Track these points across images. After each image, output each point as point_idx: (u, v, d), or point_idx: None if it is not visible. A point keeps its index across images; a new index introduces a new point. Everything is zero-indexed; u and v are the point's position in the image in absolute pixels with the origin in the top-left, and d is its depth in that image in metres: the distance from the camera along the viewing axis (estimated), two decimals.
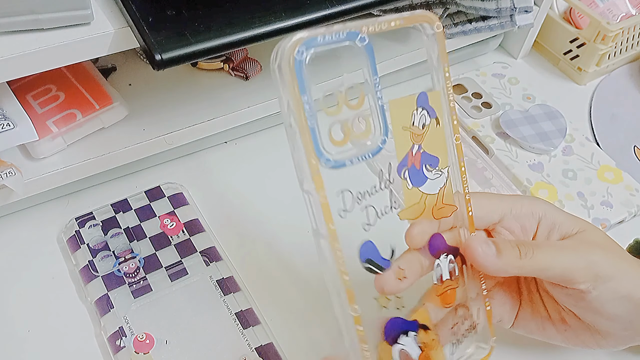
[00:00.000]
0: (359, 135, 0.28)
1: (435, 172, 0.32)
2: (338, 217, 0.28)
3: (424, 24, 0.30)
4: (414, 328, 0.32)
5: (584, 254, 0.33)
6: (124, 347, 0.39)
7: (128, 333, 0.39)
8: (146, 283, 0.42)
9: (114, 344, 0.39)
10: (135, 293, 0.42)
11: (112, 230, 0.45)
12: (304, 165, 0.27)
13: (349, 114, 0.28)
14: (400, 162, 0.30)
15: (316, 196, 0.27)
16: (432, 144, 0.32)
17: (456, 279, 0.34)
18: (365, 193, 0.29)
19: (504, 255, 0.32)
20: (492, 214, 0.35)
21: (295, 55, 0.26)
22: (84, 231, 0.45)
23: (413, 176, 0.31)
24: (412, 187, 0.31)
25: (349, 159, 0.28)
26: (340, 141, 0.27)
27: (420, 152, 0.31)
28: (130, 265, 0.43)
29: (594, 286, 0.32)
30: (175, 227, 0.46)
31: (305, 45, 0.26)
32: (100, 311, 0.41)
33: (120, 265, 0.43)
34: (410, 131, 0.31)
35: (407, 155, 0.31)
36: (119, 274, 0.42)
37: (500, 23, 0.56)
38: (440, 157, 0.32)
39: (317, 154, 0.27)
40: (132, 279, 0.42)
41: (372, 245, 0.30)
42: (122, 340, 0.39)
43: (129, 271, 0.42)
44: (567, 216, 0.36)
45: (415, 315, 0.32)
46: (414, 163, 0.31)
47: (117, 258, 0.43)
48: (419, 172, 0.31)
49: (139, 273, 0.43)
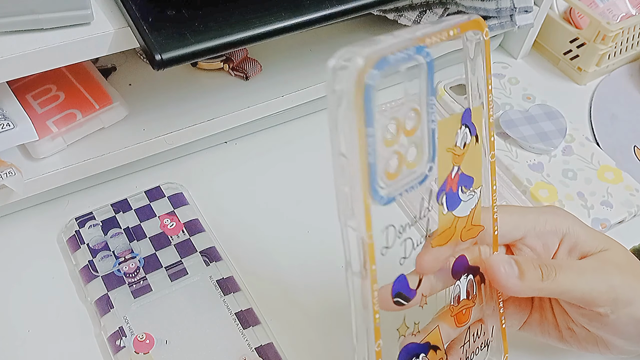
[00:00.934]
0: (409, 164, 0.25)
1: (469, 193, 0.30)
2: (380, 256, 0.25)
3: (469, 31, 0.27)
4: (425, 350, 0.31)
5: (605, 277, 0.32)
6: (124, 347, 0.39)
7: (128, 333, 0.39)
8: (146, 283, 0.42)
9: (114, 344, 0.39)
10: (135, 293, 0.42)
11: (112, 230, 0.45)
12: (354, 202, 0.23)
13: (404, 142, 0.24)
14: (440, 187, 0.28)
15: (364, 236, 0.24)
16: (469, 163, 0.29)
17: (473, 298, 0.33)
18: (406, 225, 0.27)
19: (527, 277, 0.31)
20: (515, 231, 0.34)
21: (366, 80, 0.21)
22: (84, 231, 0.45)
23: (449, 200, 0.28)
24: (447, 212, 0.28)
25: (399, 192, 0.25)
26: (394, 174, 0.24)
27: (459, 173, 0.28)
28: (130, 265, 0.43)
29: (612, 310, 0.32)
30: (175, 227, 0.46)
31: (377, 68, 0.22)
32: (100, 311, 0.41)
33: (120, 265, 0.43)
34: (452, 152, 0.28)
35: (446, 179, 0.28)
36: (119, 274, 0.42)
37: (500, 23, 0.56)
38: (475, 177, 0.29)
39: (372, 193, 0.23)
40: (132, 279, 0.42)
41: (404, 278, 0.28)
42: (122, 340, 0.39)
43: (129, 271, 0.42)
44: (589, 233, 0.35)
45: (428, 337, 0.31)
46: (451, 187, 0.28)
47: (117, 258, 0.43)
48: (455, 194, 0.29)
49: (139, 273, 0.42)
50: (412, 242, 0.27)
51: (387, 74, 0.22)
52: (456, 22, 0.26)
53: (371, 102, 0.22)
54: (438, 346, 0.31)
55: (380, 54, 0.22)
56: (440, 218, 0.28)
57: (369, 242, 0.24)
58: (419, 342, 0.30)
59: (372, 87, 0.22)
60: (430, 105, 0.25)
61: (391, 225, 0.26)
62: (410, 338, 0.30)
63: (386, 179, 0.24)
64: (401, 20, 0.54)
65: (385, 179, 0.24)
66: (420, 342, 0.31)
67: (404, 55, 0.23)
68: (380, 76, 0.22)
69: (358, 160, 0.22)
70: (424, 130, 0.25)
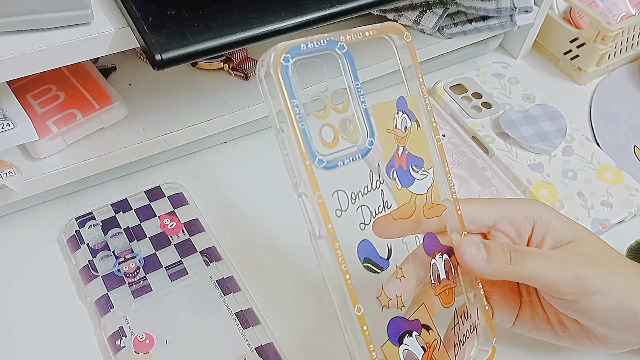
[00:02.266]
0: (347, 137, 0.30)
1: (422, 172, 0.33)
2: (335, 217, 0.28)
3: (393, 35, 0.32)
4: (417, 328, 0.32)
5: (572, 267, 0.33)
6: (124, 347, 0.39)
7: (128, 333, 0.39)
8: (146, 283, 0.42)
9: (114, 344, 0.39)
10: (135, 293, 0.42)
11: (112, 230, 0.45)
12: (297, 168, 0.28)
13: (336, 117, 0.29)
14: (388, 162, 0.32)
15: (313, 197, 0.28)
16: (416, 145, 0.33)
17: (453, 278, 0.34)
18: (358, 193, 0.30)
19: (494, 260, 0.33)
20: (486, 218, 0.35)
21: (282, 61, 0.27)
22: (84, 231, 0.45)
23: (401, 176, 0.33)
24: (402, 188, 0.32)
25: (341, 160, 0.29)
26: (330, 142, 0.29)
27: (406, 153, 0.33)
28: (130, 265, 0.43)
29: (580, 297, 0.33)
30: (175, 227, 0.45)
31: (290, 53, 0.28)
32: (100, 311, 0.41)
33: (120, 265, 0.43)
34: (394, 133, 0.32)
35: (393, 157, 0.32)
36: (119, 273, 0.42)
37: (500, 23, 0.56)
38: (425, 159, 0.34)
39: (311, 155, 0.27)
40: (132, 278, 0.42)
41: (370, 244, 0.31)
42: (122, 340, 0.39)
43: (129, 271, 0.42)
44: (563, 221, 0.36)
45: (416, 315, 0.32)
46: (400, 164, 0.32)
47: (117, 258, 0.43)
48: (406, 172, 0.33)
49: (139, 273, 0.42)
50: (370, 210, 0.31)
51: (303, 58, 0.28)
52: (374, 26, 0.31)
53: (289, 79, 0.27)
54: (429, 326, 0.33)
55: (294, 43, 0.28)
56: (395, 193, 0.32)
57: (319, 202, 0.27)
58: (407, 318, 0.32)
59: (287, 67, 0.27)
60: (357, 89, 0.30)
61: (341, 190, 0.29)
62: (396, 312, 0.32)
63: (324, 147, 0.28)
64: (401, 20, 0.54)
65: (322, 147, 0.28)
66: (409, 318, 0.32)
67: (314, 45, 0.28)
68: (292, 57, 0.28)
69: (291, 129, 0.27)
70: (357, 110, 0.30)
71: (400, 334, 0.32)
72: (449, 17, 0.56)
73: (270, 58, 0.27)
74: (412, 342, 0.32)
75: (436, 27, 0.54)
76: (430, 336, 0.32)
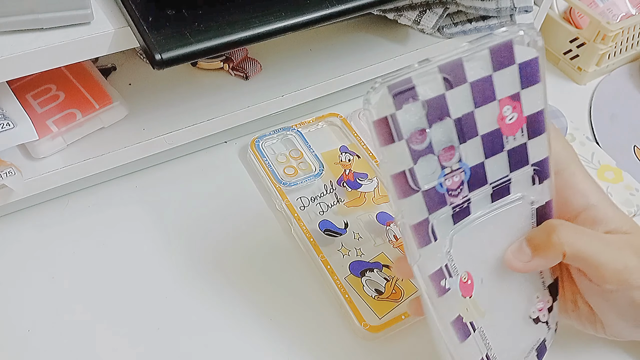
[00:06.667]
0: (304, 170, 0.49)
1: (367, 180, 0.50)
2: (299, 210, 0.47)
3: (334, 119, 0.54)
4: (378, 267, 0.44)
5: (624, 257, 0.33)
6: (449, 289, 0.30)
7: (453, 272, 0.30)
8: (468, 205, 0.30)
9: (438, 285, 0.30)
10: (455, 217, 0.30)
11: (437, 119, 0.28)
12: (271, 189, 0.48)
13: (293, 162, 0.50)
14: (338, 179, 0.50)
15: (282, 203, 0.47)
16: (360, 167, 0.51)
17: None
18: (316, 197, 0.48)
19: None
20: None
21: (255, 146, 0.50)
22: (400, 115, 0.27)
23: (351, 185, 0.49)
24: (352, 190, 0.49)
25: (300, 181, 0.48)
26: (292, 175, 0.49)
27: (352, 172, 0.50)
28: (455, 179, 0.29)
29: (621, 289, 0.32)
30: (516, 121, 0.30)
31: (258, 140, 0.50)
32: (420, 241, 0.29)
33: (445, 178, 0.29)
34: (340, 164, 0.51)
35: (342, 175, 0.50)
36: (441, 189, 0.29)
37: (500, 23, 0.56)
38: (369, 173, 0.50)
39: (278, 182, 0.48)
40: (454, 197, 0.29)
41: (328, 222, 0.46)
42: (447, 281, 0.30)
43: (452, 187, 0.29)
44: (617, 212, 0.35)
45: (377, 259, 0.44)
46: (348, 178, 0.50)
47: (443, 167, 0.29)
48: (354, 182, 0.50)
49: (462, 190, 0.30)
50: (326, 204, 0.48)
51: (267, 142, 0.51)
52: (317, 117, 0.53)
53: (262, 151, 0.50)
54: (389, 265, 0.44)
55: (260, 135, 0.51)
56: (347, 193, 0.49)
57: (287, 204, 0.47)
58: (367, 261, 0.44)
59: (259, 146, 0.50)
60: (310, 149, 0.51)
61: (302, 197, 0.48)
62: (356, 257, 0.44)
63: (287, 176, 0.49)
64: (401, 20, 0.54)
65: (286, 176, 0.49)
66: (370, 261, 0.44)
67: (273, 134, 0.51)
68: (260, 142, 0.50)
69: (264, 172, 0.49)
70: (309, 157, 0.50)
71: (362, 270, 0.43)
72: (448, 16, 0.55)
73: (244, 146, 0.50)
74: (374, 275, 0.43)
75: (436, 26, 0.54)
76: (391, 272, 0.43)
